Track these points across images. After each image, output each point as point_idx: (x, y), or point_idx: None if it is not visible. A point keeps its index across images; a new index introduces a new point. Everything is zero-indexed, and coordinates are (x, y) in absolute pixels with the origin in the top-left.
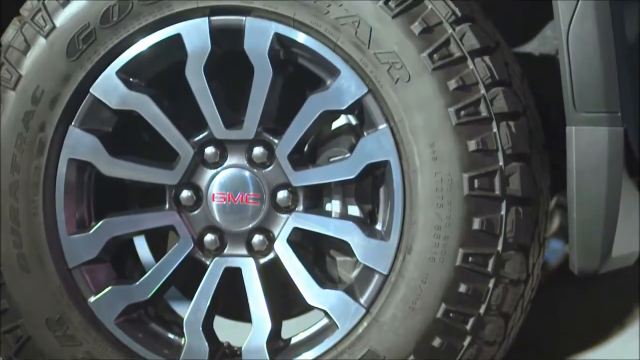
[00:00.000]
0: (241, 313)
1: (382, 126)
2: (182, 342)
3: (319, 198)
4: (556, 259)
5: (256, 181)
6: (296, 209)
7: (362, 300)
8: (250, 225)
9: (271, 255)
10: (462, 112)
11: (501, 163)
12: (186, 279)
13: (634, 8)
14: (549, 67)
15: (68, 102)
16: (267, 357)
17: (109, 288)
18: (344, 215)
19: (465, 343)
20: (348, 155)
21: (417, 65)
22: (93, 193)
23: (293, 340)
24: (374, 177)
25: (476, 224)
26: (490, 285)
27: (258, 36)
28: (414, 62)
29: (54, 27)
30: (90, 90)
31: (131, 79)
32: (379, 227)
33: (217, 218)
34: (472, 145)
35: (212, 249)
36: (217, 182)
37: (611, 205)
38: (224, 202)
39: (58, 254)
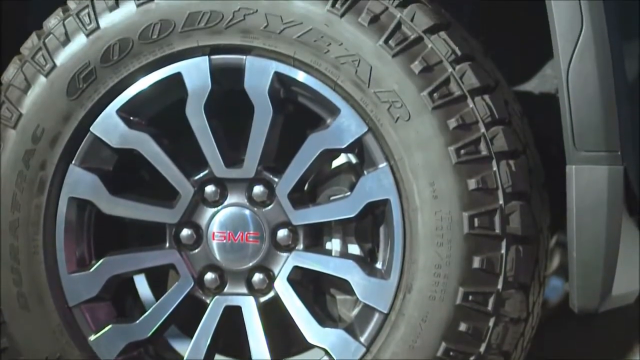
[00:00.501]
0: (241, 351)
1: (382, 165)
2: None
3: (319, 236)
4: (556, 296)
5: (256, 220)
6: (296, 247)
7: (362, 339)
8: (251, 264)
9: (271, 294)
10: (462, 151)
11: (501, 202)
12: (186, 317)
13: (634, 46)
14: (549, 105)
15: (68, 141)
16: None
17: (109, 326)
18: (344, 254)
19: None
20: (348, 193)
21: (417, 104)
22: (93, 231)
23: None
24: (374, 215)
25: (476, 262)
26: (491, 324)
27: (258, 75)
28: (414, 101)
29: (54, 65)
30: (91, 129)
31: (131, 118)
32: (379, 265)
33: (218, 257)
34: (472, 184)
35: (213, 287)
36: (217, 220)
37: (611, 244)
38: (224, 241)
39: (58, 292)
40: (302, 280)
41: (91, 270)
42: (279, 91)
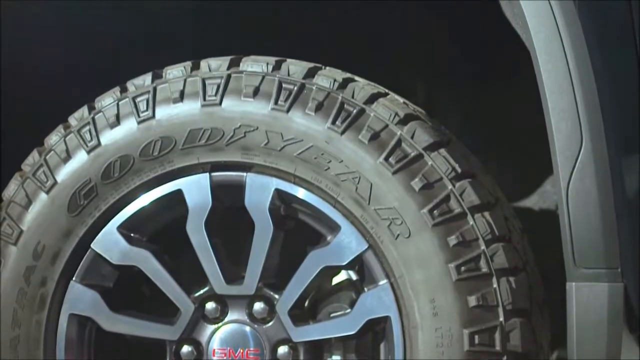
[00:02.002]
0: None
1: (383, 282)
2: None
3: (319, 353)
4: None
5: (257, 336)
6: None
7: None
8: None
9: None
10: (462, 268)
11: (501, 319)
12: None
13: (634, 162)
14: (549, 222)
15: (69, 258)
16: None
17: None
18: None
19: None
20: (348, 310)
21: (417, 221)
22: (94, 347)
23: None
24: (374, 332)
25: None
26: None
27: (259, 192)
28: (414, 218)
29: (55, 182)
30: (92, 245)
31: (132, 235)
32: None
33: None
34: (472, 301)
35: None
36: (217, 337)
37: None
38: (225, 358)
39: None
40: None
41: None
42: (280, 208)
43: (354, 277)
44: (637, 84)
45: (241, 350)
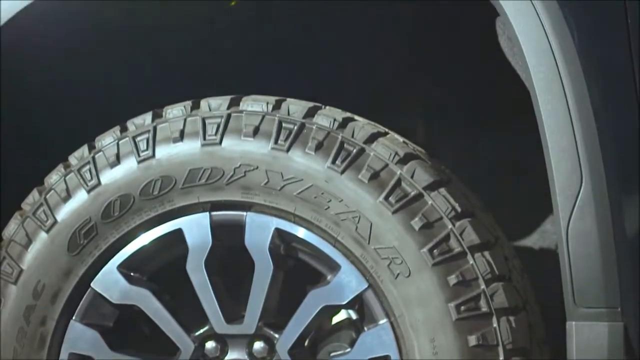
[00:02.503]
0: None
1: (383, 321)
2: None
3: None
4: None
5: None
6: None
7: None
8: None
9: None
10: (462, 308)
11: (501, 358)
12: None
13: (634, 201)
14: (549, 261)
15: (69, 297)
16: None
17: None
18: None
19: None
20: (348, 350)
21: (417, 261)
22: None
23: None
24: None
25: None
26: None
27: (259, 231)
28: (414, 257)
29: (55, 221)
30: (92, 284)
31: (132, 274)
32: None
33: None
34: (472, 340)
35: None
36: None
37: None
38: None
39: None
40: None
41: None
42: (280, 247)
43: (353, 316)
44: (637, 123)
45: None
